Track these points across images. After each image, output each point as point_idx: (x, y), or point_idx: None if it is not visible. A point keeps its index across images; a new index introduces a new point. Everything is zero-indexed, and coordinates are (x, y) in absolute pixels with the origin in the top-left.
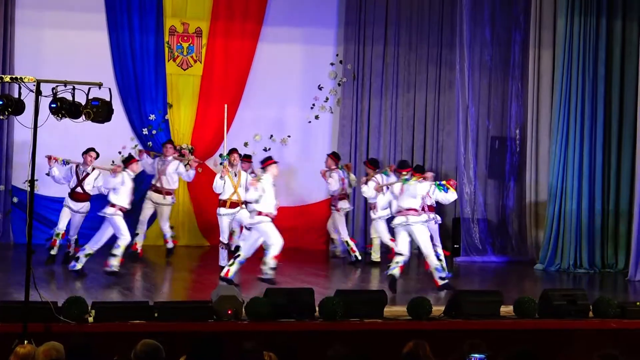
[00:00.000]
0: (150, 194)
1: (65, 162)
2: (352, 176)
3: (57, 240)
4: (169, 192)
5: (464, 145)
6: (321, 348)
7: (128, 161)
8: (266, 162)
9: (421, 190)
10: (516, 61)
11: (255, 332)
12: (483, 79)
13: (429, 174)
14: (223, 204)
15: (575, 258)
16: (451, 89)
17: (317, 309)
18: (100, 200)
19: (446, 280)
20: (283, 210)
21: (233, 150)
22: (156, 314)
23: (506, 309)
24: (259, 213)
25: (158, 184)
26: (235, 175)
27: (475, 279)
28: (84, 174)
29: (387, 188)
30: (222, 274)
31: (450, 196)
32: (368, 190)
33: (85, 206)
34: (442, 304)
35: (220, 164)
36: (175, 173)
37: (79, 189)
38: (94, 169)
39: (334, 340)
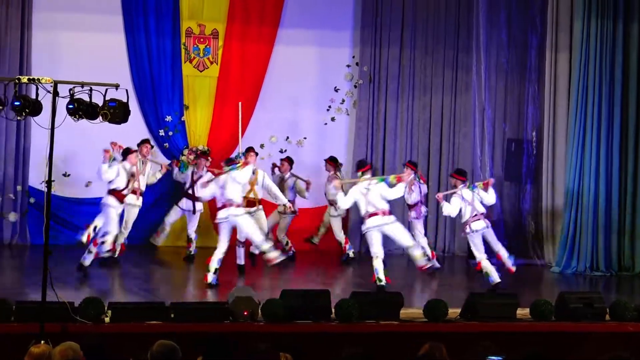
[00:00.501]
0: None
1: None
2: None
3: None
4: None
5: (480, 147)
6: (337, 350)
7: (127, 153)
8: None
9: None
10: (532, 64)
11: (271, 333)
12: (499, 82)
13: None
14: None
15: (592, 261)
16: (467, 91)
17: (333, 310)
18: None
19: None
20: (299, 212)
21: (250, 149)
22: (172, 315)
23: (522, 312)
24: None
25: (190, 191)
26: (253, 173)
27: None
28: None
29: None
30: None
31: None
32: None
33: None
34: (459, 306)
35: (236, 158)
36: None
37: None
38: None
39: (350, 342)
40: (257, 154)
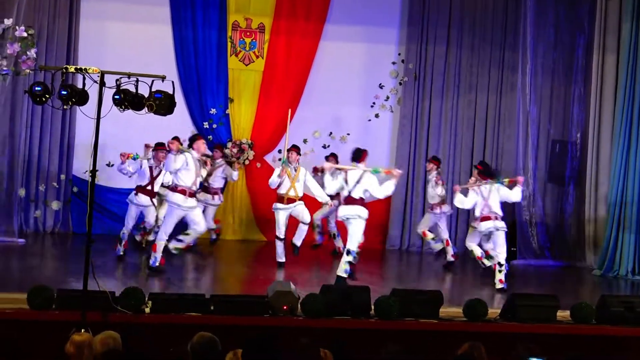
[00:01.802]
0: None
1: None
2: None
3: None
4: (216, 192)
5: (524, 148)
6: (376, 346)
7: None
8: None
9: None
10: (579, 65)
11: (310, 328)
12: (545, 82)
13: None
14: (280, 199)
15: (634, 264)
16: (513, 91)
17: (372, 307)
18: None
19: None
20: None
21: (293, 147)
22: (212, 307)
23: (563, 314)
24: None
25: (206, 184)
26: (295, 170)
27: (531, 282)
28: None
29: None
30: None
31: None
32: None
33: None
34: (499, 306)
35: (282, 163)
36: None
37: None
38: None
39: (389, 339)
40: (299, 154)
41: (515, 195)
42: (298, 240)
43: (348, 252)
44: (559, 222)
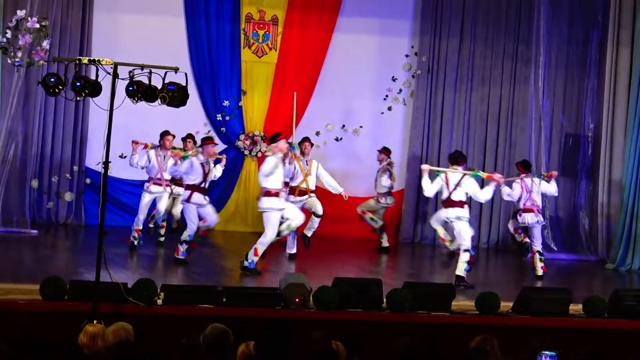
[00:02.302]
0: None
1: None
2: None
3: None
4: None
5: (536, 141)
6: (388, 339)
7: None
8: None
9: None
10: (593, 59)
11: (322, 320)
12: (559, 76)
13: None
14: (292, 191)
15: None
16: (526, 84)
17: (384, 300)
18: None
19: None
20: (354, 201)
21: (305, 139)
22: (224, 299)
23: (575, 308)
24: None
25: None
26: (307, 163)
27: (544, 276)
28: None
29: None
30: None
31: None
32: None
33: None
34: (511, 299)
35: (290, 150)
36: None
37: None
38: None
39: (401, 331)
40: (312, 145)
41: (552, 187)
42: (309, 231)
43: (466, 251)
44: (571, 216)
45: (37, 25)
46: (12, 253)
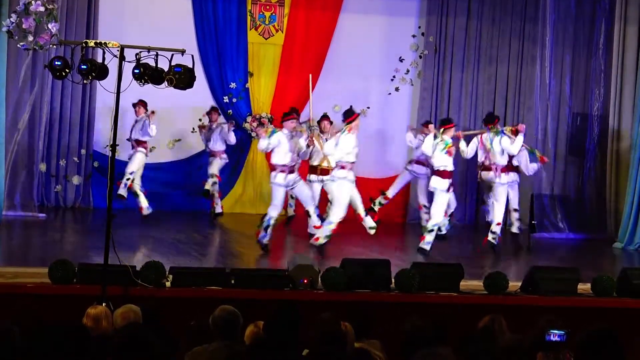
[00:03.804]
0: None
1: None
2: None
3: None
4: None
5: (544, 120)
6: (396, 320)
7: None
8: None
9: None
10: (600, 37)
11: (330, 301)
12: (566, 54)
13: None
14: (313, 170)
15: None
16: (533, 63)
17: (393, 280)
18: None
19: None
20: (361, 182)
21: (324, 117)
22: (232, 281)
23: (583, 287)
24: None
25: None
26: (326, 141)
27: (552, 255)
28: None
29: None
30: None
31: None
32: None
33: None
34: (519, 279)
35: (308, 127)
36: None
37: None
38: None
39: (410, 312)
40: (331, 122)
41: (513, 147)
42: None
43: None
44: (579, 195)
45: (42, 9)
46: (21, 237)
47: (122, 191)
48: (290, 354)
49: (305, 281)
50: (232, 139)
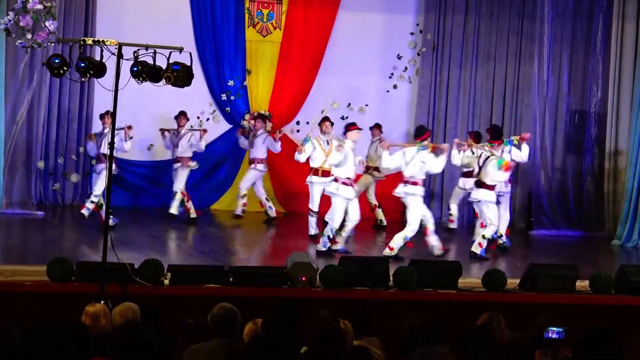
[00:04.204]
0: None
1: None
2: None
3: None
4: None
5: (542, 118)
6: (395, 317)
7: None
8: (349, 128)
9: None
10: (598, 34)
11: (328, 299)
12: (564, 52)
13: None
14: (315, 172)
15: None
16: (531, 60)
17: (391, 278)
18: None
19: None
20: (360, 179)
21: (326, 119)
22: (231, 279)
23: (582, 284)
24: (336, 179)
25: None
26: (328, 143)
27: (550, 252)
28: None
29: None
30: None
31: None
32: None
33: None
34: (517, 276)
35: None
36: (263, 145)
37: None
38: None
39: (408, 310)
40: (332, 124)
41: (522, 154)
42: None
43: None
44: (577, 192)
45: (39, 6)
46: (19, 235)
47: (85, 212)
48: (288, 352)
49: (304, 279)
50: (278, 147)
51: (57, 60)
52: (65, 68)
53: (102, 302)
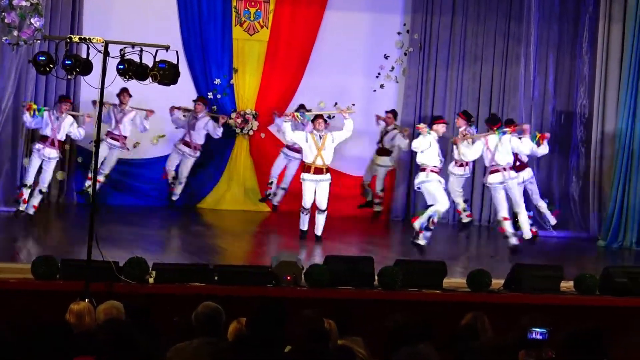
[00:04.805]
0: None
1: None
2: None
3: None
4: (196, 147)
5: (528, 119)
6: (379, 317)
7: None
8: (436, 121)
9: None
10: (584, 35)
11: (313, 298)
12: (550, 53)
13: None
14: (307, 169)
15: (639, 235)
16: (518, 62)
17: (376, 277)
18: None
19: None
20: (346, 179)
21: (319, 116)
22: (216, 277)
23: (566, 285)
24: (423, 169)
25: (187, 138)
26: (320, 138)
27: (535, 253)
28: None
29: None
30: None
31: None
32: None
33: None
34: (502, 276)
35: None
36: (204, 129)
37: (116, 131)
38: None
39: (393, 309)
40: (326, 121)
41: (524, 147)
42: (319, 231)
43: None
44: (563, 193)
45: (25, 3)
46: (3, 232)
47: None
48: (273, 351)
49: (289, 278)
50: (219, 132)
51: (43, 58)
52: (51, 65)
53: (86, 300)
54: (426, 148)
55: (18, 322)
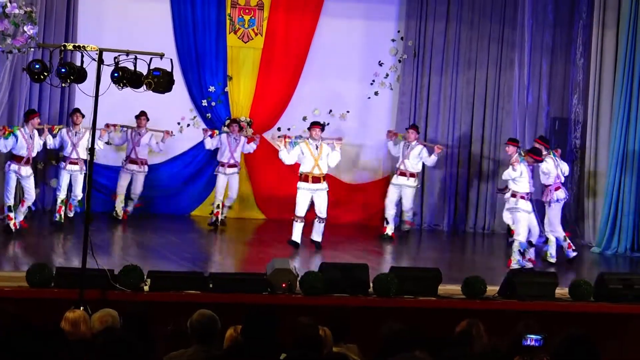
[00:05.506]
0: (128, 165)
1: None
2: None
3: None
4: (143, 162)
5: (522, 125)
6: (374, 324)
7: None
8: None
9: None
10: (578, 41)
11: (308, 306)
12: (544, 59)
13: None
14: (305, 178)
15: (633, 242)
16: (512, 67)
17: (371, 285)
18: None
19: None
20: (341, 186)
21: (315, 124)
22: (211, 285)
23: (561, 291)
24: (514, 195)
25: (132, 155)
26: (317, 148)
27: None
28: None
29: None
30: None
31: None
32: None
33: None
34: (497, 283)
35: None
36: (148, 144)
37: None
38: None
39: (387, 316)
40: (322, 129)
41: (565, 167)
42: (317, 236)
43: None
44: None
45: (17, 11)
46: None
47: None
48: (268, 358)
49: (284, 285)
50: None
51: (37, 66)
52: (45, 73)
53: (82, 308)
54: (517, 176)
55: (12, 330)
